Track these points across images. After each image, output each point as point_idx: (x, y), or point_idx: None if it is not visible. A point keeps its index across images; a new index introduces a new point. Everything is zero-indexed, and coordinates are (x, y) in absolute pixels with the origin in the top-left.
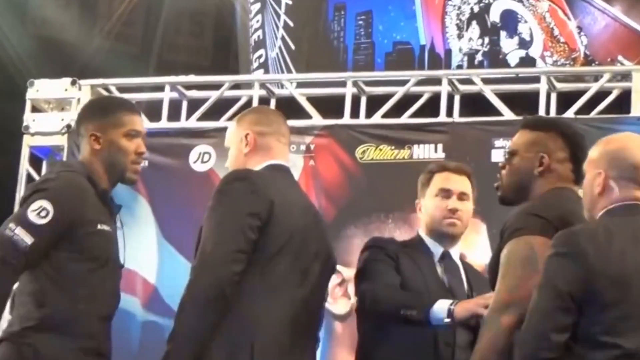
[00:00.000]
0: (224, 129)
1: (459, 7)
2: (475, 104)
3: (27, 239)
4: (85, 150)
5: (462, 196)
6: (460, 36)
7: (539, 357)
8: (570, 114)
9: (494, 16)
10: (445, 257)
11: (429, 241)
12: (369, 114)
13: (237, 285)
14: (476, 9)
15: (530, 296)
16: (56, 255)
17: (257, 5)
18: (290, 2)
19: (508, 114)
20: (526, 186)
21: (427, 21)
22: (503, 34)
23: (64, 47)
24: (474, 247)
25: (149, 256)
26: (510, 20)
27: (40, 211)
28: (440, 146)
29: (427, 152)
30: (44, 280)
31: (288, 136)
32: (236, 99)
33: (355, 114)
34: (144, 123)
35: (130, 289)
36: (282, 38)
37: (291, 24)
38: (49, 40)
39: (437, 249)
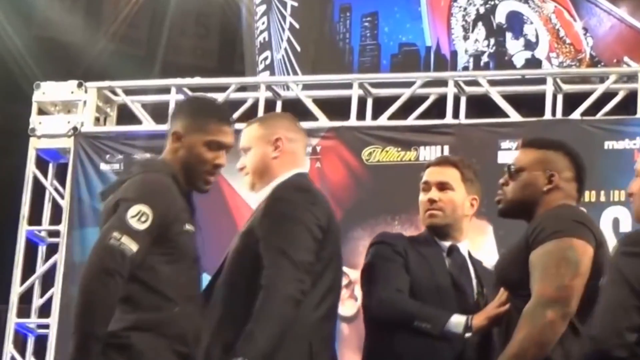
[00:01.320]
0: (235, 131)
1: (465, 9)
2: (481, 105)
3: (133, 247)
4: (168, 148)
5: (441, 186)
6: (466, 37)
7: (612, 355)
8: (576, 115)
9: (500, 17)
10: (453, 250)
11: (434, 236)
12: (375, 116)
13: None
14: (482, 10)
15: (574, 296)
16: (147, 257)
17: (263, 7)
18: (295, 4)
19: (514, 116)
20: (533, 202)
21: (433, 22)
22: (509, 35)
23: (69, 49)
24: (480, 248)
25: None
26: (516, 22)
27: (140, 216)
28: (446, 148)
29: (433, 153)
30: (135, 284)
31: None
32: (242, 101)
33: (361, 115)
34: (229, 136)
35: None
36: (288, 40)
37: (297, 25)
38: (54, 43)
39: (444, 244)
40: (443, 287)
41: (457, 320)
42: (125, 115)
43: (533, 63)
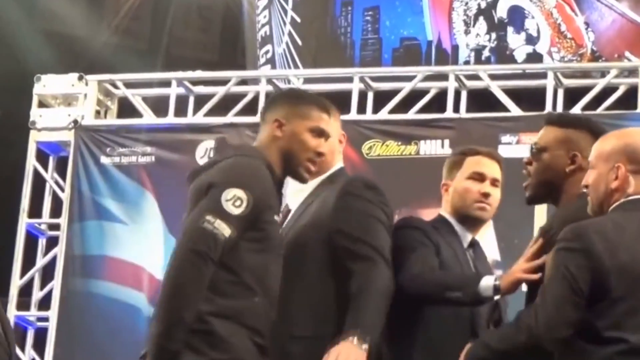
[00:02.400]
0: (231, 125)
1: (466, 3)
2: (482, 99)
3: (226, 232)
4: (264, 136)
5: (494, 182)
6: (467, 32)
7: (545, 350)
8: (577, 110)
9: (501, 12)
10: (475, 244)
11: (456, 225)
12: (375, 110)
13: None
14: (483, 4)
15: None
16: (236, 244)
17: (264, 1)
18: None
19: (515, 110)
20: (557, 184)
21: (434, 17)
22: (510, 29)
23: (71, 42)
24: (481, 240)
25: (155, 251)
26: (517, 16)
27: (235, 200)
28: (447, 142)
29: (433, 148)
30: (220, 270)
31: None
32: (243, 95)
33: (361, 109)
34: (329, 125)
35: (137, 284)
36: (289, 34)
37: (298, 19)
38: (57, 36)
39: (465, 235)
40: None
41: (486, 284)
42: (126, 109)
43: (534, 58)
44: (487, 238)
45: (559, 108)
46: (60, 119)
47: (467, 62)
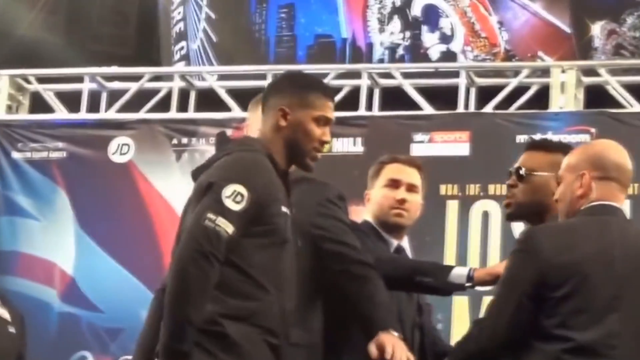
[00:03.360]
0: (144, 121)
1: (381, 1)
2: (395, 98)
3: (229, 229)
4: (267, 126)
5: (411, 187)
6: (381, 30)
7: (490, 350)
8: (489, 108)
9: (416, 11)
10: (401, 250)
11: (382, 232)
12: None
13: None
14: (398, 3)
15: None
16: (241, 241)
17: None
18: None
19: (428, 109)
20: (544, 205)
21: (349, 15)
22: (424, 28)
23: None
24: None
25: (67, 248)
26: (431, 15)
27: (235, 196)
28: (359, 140)
29: (346, 145)
30: (228, 268)
31: None
32: (156, 91)
33: None
34: (332, 111)
35: (48, 281)
36: (204, 30)
37: (213, 16)
38: None
39: (391, 241)
40: None
41: (459, 273)
42: (40, 104)
43: (448, 56)
44: None
45: (472, 107)
46: None
47: (381, 60)
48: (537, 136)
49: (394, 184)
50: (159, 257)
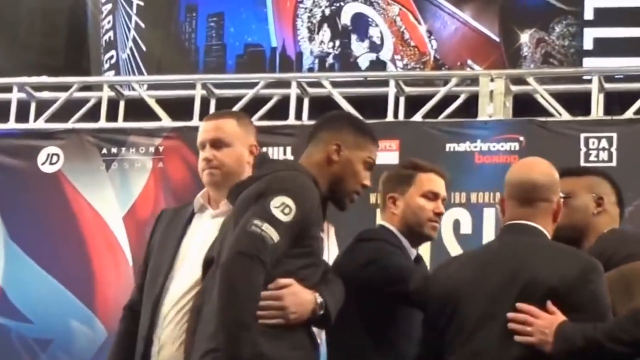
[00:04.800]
0: (73, 131)
1: (311, 10)
2: (324, 107)
3: (274, 236)
4: (318, 155)
5: (443, 201)
6: (311, 39)
7: None
8: (418, 117)
9: (345, 19)
10: (420, 260)
11: (402, 239)
12: None
13: None
14: (327, 11)
15: None
16: (285, 262)
17: (109, 6)
18: (141, 3)
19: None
20: (584, 226)
21: (279, 24)
22: (354, 37)
23: None
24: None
25: None
26: (361, 24)
27: (284, 208)
28: (289, 149)
29: (275, 155)
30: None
31: None
32: (86, 101)
33: (204, 116)
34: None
35: None
36: (134, 39)
37: (142, 25)
38: None
39: (410, 249)
40: None
41: None
42: None
43: (378, 65)
44: (330, 246)
45: (401, 116)
46: None
47: (311, 69)
48: (464, 145)
49: (434, 196)
50: (89, 267)
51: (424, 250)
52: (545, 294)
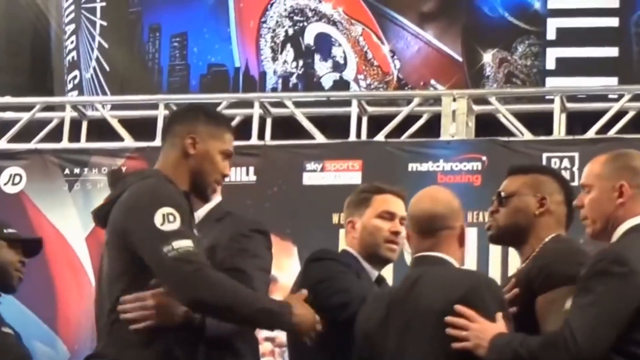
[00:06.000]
0: (35, 151)
1: (274, 30)
2: (287, 127)
3: (188, 243)
4: (174, 151)
5: (401, 220)
6: (275, 59)
7: None
8: (381, 137)
9: (309, 39)
10: (382, 281)
11: (363, 262)
12: None
13: None
14: (291, 31)
15: None
16: None
17: (72, 26)
18: (104, 23)
19: (320, 137)
20: (525, 227)
21: (242, 43)
22: (317, 57)
23: None
24: (286, 270)
25: None
26: (324, 44)
27: (168, 216)
28: (251, 169)
29: (238, 175)
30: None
31: None
32: (48, 121)
33: None
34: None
35: None
36: (97, 59)
37: (106, 45)
38: None
39: (372, 272)
40: None
41: None
42: None
43: (341, 85)
44: (292, 265)
45: (363, 136)
46: None
47: (274, 89)
48: (427, 164)
49: (390, 216)
50: (51, 288)
51: (387, 270)
52: (437, 319)
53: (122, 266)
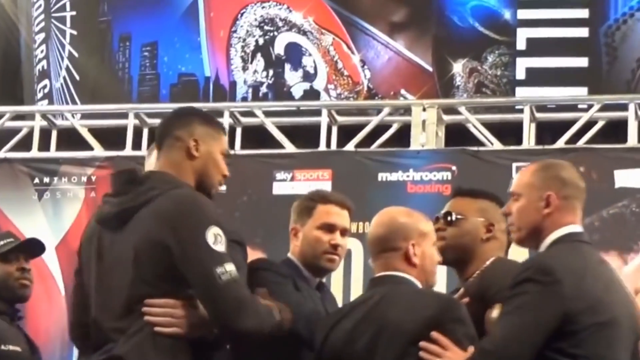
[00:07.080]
0: (5, 160)
1: (244, 39)
2: (257, 136)
3: (234, 270)
4: (176, 153)
5: (343, 232)
6: (245, 68)
7: None
8: (351, 147)
9: (279, 49)
10: (322, 287)
11: (304, 270)
12: (151, 146)
13: None
14: (261, 41)
15: None
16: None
17: (42, 35)
18: (75, 32)
19: (289, 147)
20: (470, 250)
21: (212, 53)
22: (287, 66)
23: None
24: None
25: None
26: (294, 53)
27: (217, 237)
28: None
29: None
30: None
31: None
32: (18, 130)
33: (137, 145)
34: None
35: None
36: (67, 68)
37: (76, 54)
38: None
39: (312, 278)
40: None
41: None
42: None
43: (311, 94)
44: None
45: (333, 145)
46: None
47: (244, 99)
48: (397, 174)
49: (329, 227)
50: None
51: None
52: (408, 339)
53: (152, 274)
